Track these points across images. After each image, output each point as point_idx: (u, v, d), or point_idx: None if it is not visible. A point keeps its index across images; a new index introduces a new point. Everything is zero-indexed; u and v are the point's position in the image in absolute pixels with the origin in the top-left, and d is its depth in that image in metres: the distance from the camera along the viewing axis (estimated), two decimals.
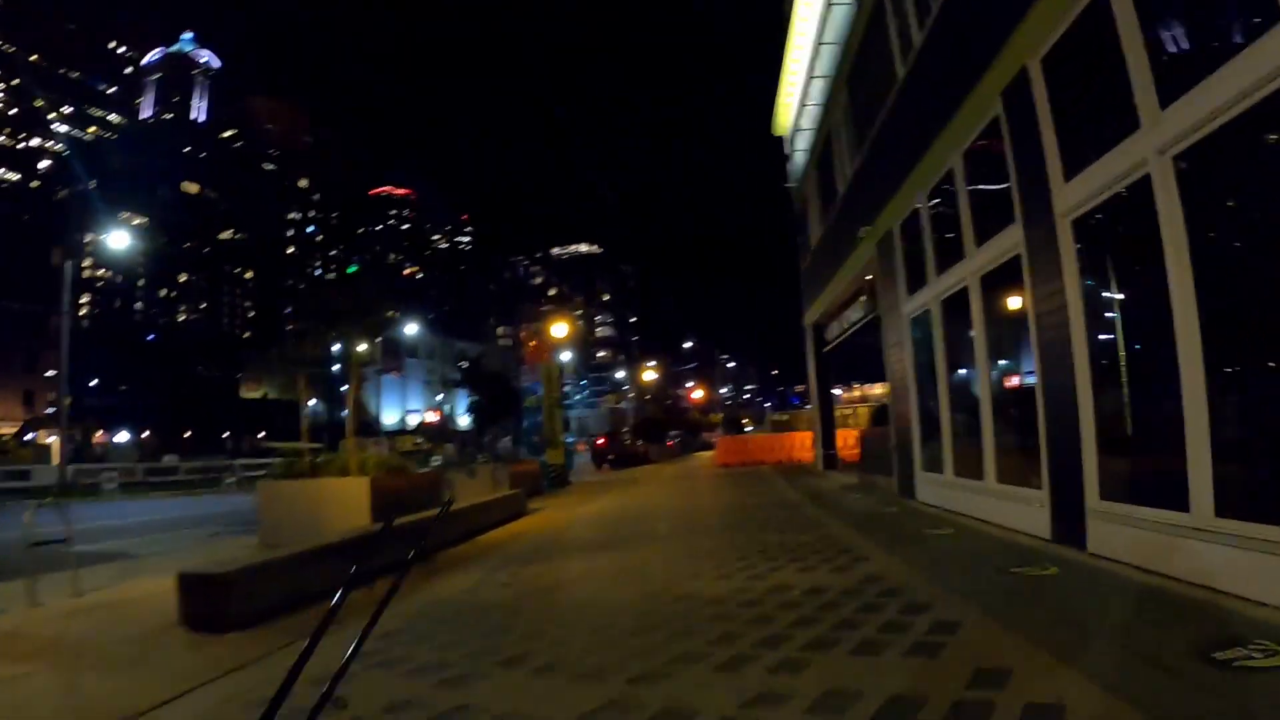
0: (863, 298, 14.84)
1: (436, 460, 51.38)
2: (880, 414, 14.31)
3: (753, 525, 9.28)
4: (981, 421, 8.06)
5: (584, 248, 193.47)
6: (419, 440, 67.32)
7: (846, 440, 21.38)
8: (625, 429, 40.82)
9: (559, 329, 24.75)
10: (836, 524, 8.76)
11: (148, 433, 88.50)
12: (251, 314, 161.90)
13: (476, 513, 11.32)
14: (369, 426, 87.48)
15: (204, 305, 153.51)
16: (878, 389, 28.06)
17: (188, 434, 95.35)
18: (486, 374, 18.47)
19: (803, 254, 21.20)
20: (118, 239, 39.87)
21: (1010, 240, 7.10)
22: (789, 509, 10.93)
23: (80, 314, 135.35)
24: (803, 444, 25.15)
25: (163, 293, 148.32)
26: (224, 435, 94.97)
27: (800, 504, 11.54)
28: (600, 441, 34.14)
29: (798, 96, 18.75)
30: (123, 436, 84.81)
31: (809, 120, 18.21)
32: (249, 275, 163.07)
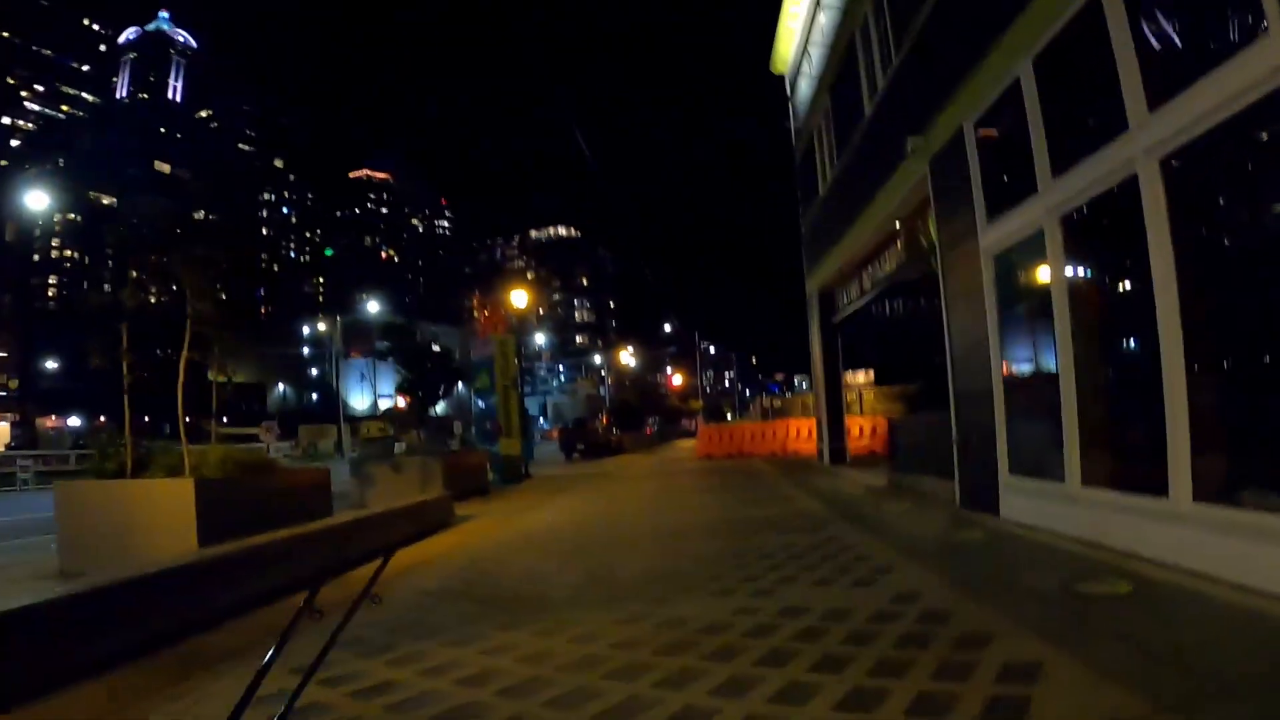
0: (895, 245, 11.49)
1: (400, 447, 47.97)
2: (922, 396, 10.92)
3: (765, 563, 5.89)
4: (1168, 399, 4.71)
5: (562, 230, 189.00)
6: (383, 426, 63.66)
7: (859, 429, 18.09)
8: (597, 416, 37.40)
9: (518, 297, 21.25)
10: (913, 570, 5.37)
11: (104, 418, 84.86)
12: (223, 296, 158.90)
13: (364, 531, 7.88)
14: (334, 412, 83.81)
15: (174, 287, 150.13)
16: (861, 377, 24.81)
17: (146, 419, 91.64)
18: (416, 347, 15.13)
19: (804, 212, 17.84)
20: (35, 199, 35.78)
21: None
22: (812, 529, 7.56)
23: (48, 295, 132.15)
24: (800, 433, 21.85)
25: (132, 274, 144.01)
26: (186, 420, 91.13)
27: (825, 520, 8.18)
28: (562, 430, 30.90)
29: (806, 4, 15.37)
30: (76, 421, 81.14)
31: (821, 35, 14.79)
32: (221, 257, 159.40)
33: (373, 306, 57.07)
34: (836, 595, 4.67)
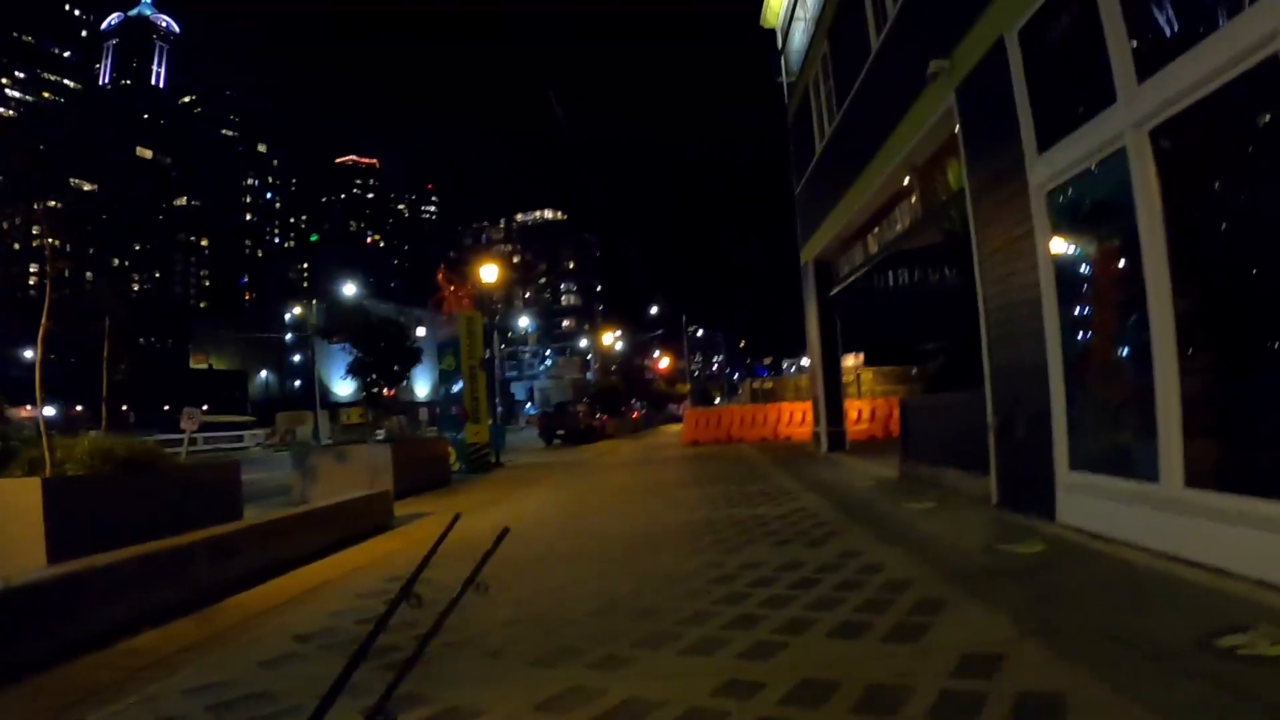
0: (908, 202, 9.97)
1: (379, 435, 46.27)
2: (940, 374, 9.39)
3: (763, 592, 4.38)
4: None
5: (549, 214, 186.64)
6: (363, 412, 62.09)
7: (857, 413, 16.64)
8: (579, 400, 35.82)
9: (487, 272, 19.59)
10: (974, 609, 3.85)
11: (80, 407, 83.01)
12: (207, 283, 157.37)
13: (265, 541, 6.32)
14: (320, 397, 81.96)
15: (157, 274, 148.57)
16: (850, 360, 23.37)
17: (124, 407, 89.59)
18: (369, 324, 13.59)
19: (798, 177, 16.28)
20: None
21: None
22: (819, 538, 6.06)
23: (28, 284, 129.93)
24: (792, 418, 20.38)
25: (115, 262, 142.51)
26: (164, 408, 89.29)
27: (833, 524, 6.67)
28: (541, 415, 29.37)
29: None
30: (50, 411, 79.29)
31: None
32: (204, 243, 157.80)
33: (349, 289, 54.91)
34: (872, 656, 3.17)
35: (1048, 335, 5.76)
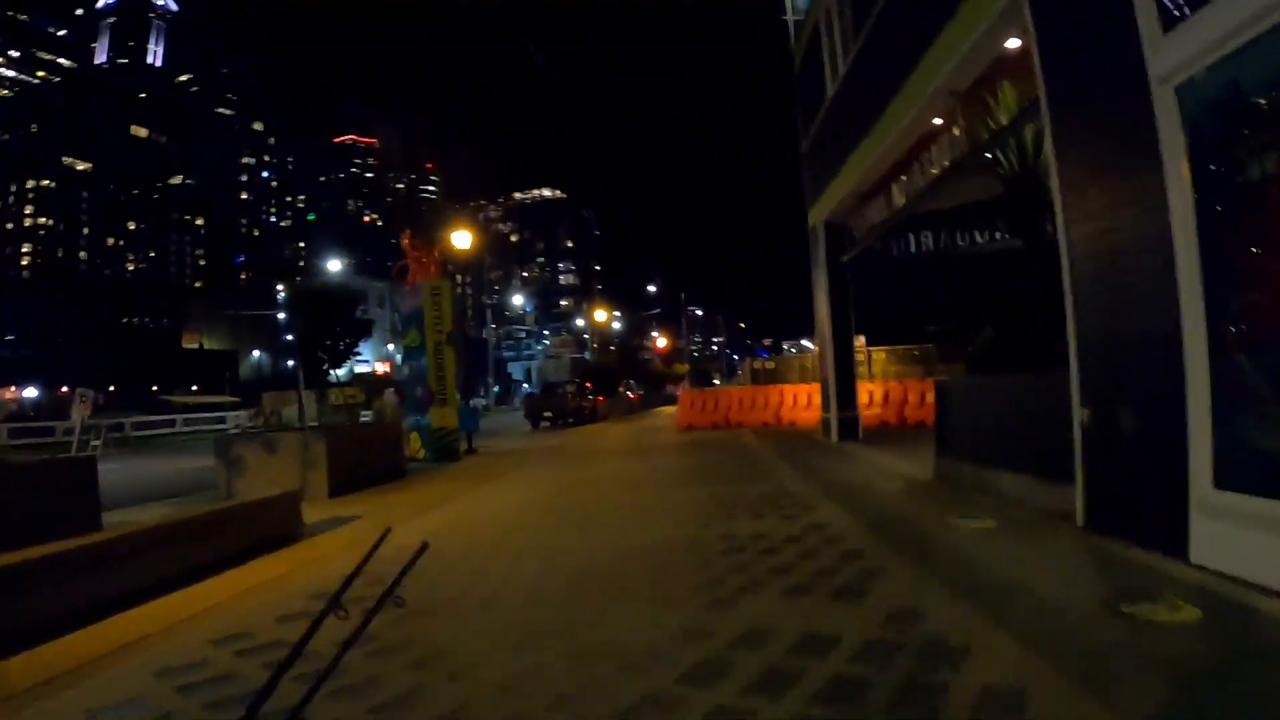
0: (944, 138, 8.12)
1: (367, 416, 44.36)
2: (993, 350, 7.51)
3: (773, 683, 2.60)
4: None
5: (547, 192, 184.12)
6: (353, 393, 60.45)
7: (868, 396, 14.88)
8: (568, 381, 33.99)
9: (460, 238, 17.70)
10: None
11: (65, 388, 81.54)
12: (202, 262, 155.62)
13: (97, 568, 4.57)
14: (308, 379, 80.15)
15: (152, 254, 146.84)
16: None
17: (112, 388, 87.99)
18: (311, 291, 11.84)
19: (805, 128, 14.42)
20: None
21: None
22: (849, 583, 4.30)
23: (22, 264, 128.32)
24: (797, 401, 18.57)
25: (109, 241, 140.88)
26: (153, 389, 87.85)
27: (864, 554, 4.89)
28: (528, 396, 27.70)
29: None
30: (33, 392, 77.95)
31: None
32: (199, 222, 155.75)
33: (333, 266, 52.93)
34: None
35: (1182, 292, 3.98)
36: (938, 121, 8.73)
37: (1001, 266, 10.33)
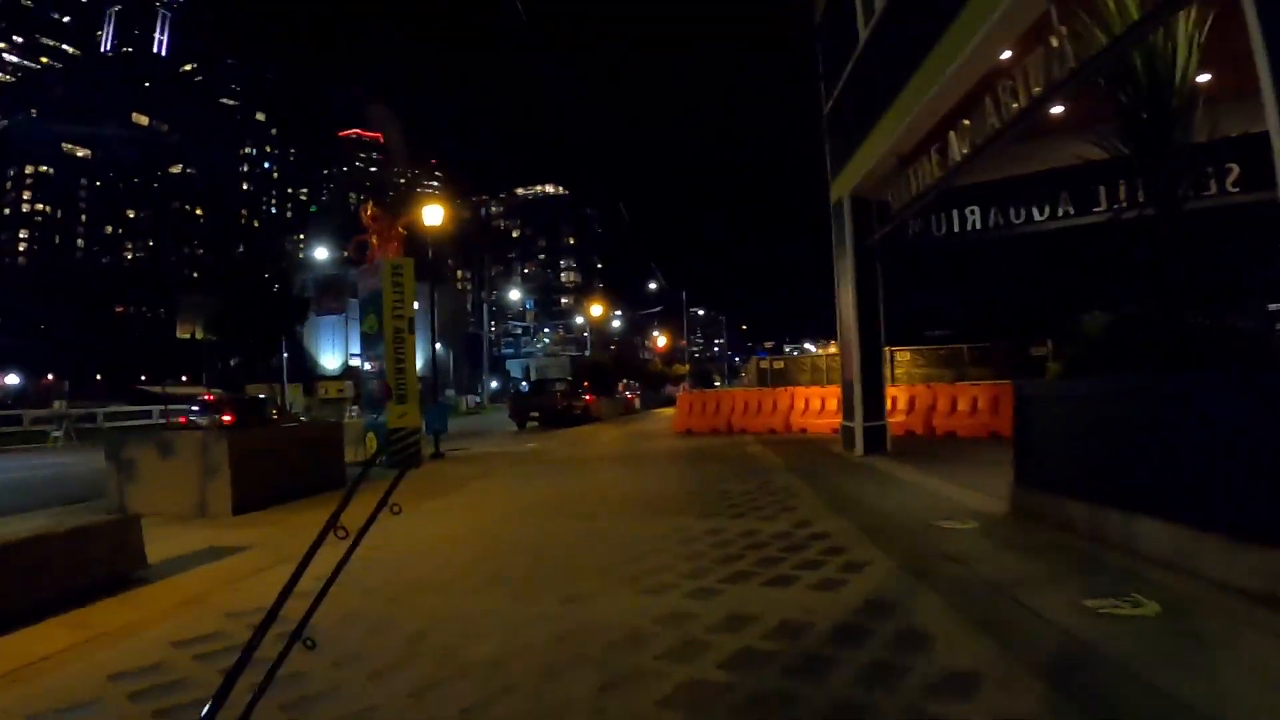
0: (1051, 40, 6.04)
1: (353, 411, 42.34)
2: (1110, 346, 5.35)
3: None
4: None
5: (549, 188, 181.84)
6: (341, 387, 58.45)
7: (891, 402, 12.82)
8: (558, 379, 31.83)
9: (431, 214, 15.64)
10: None
11: (51, 376, 79.71)
12: (200, 252, 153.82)
13: None
14: (303, 372, 78.26)
15: (150, 243, 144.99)
16: (832, 348, 19.51)
17: (99, 377, 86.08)
18: (231, 265, 9.99)
19: (829, 84, 12.36)
20: None
21: None
22: None
23: (19, 249, 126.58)
24: (809, 405, 16.46)
25: (108, 229, 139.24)
26: (142, 378, 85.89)
27: (980, 682, 2.83)
28: (513, 395, 25.76)
29: None
30: (14, 379, 76.19)
31: None
32: (199, 212, 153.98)
33: (320, 254, 50.86)
34: None
35: None
36: (1008, 54, 6.74)
37: (1086, 245, 8.41)
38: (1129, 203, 7.17)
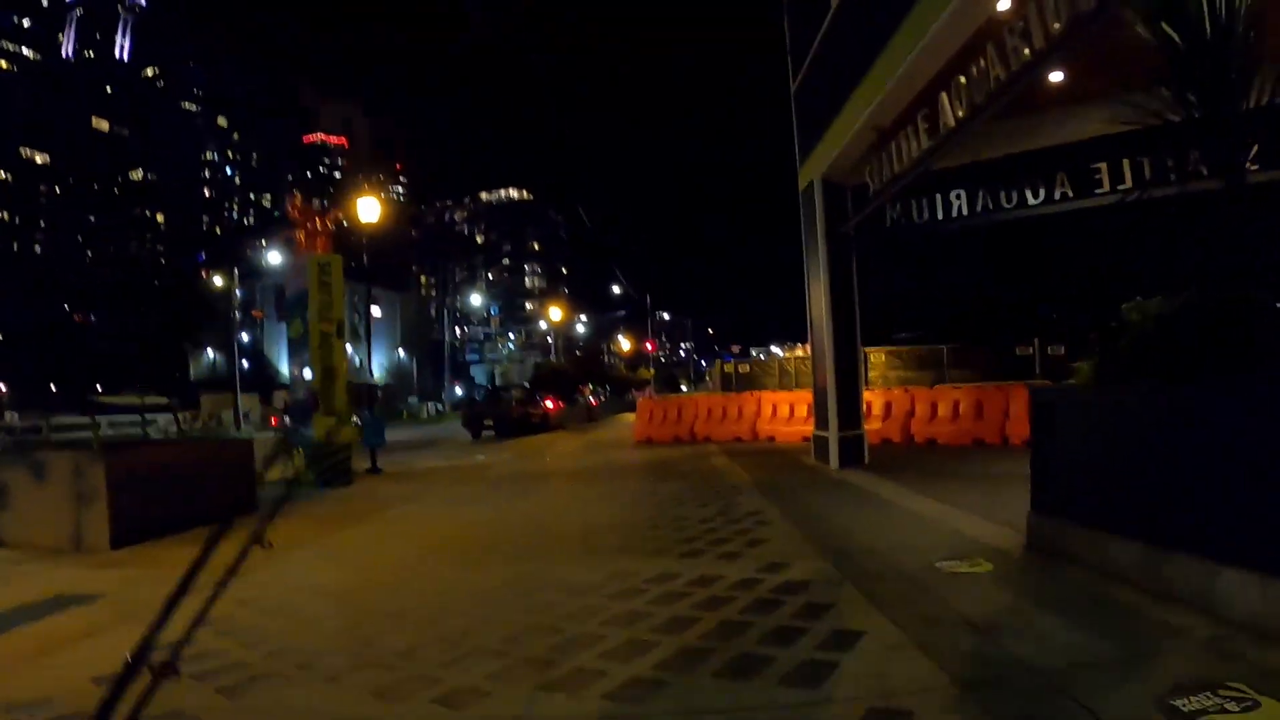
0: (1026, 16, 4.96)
1: (286, 420, 40.56)
2: (1187, 322, 4.22)
3: None
4: None
5: (514, 193, 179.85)
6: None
7: (865, 408, 11.73)
8: (515, 386, 30.45)
9: (366, 207, 14.34)
10: None
11: (3, 386, 76.49)
12: (163, 260, 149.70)
13: None
14: (267, 381, 75.90)
15: (111, 249, 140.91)
16: (799, 350, 18.59)
17: (52, 387, 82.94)
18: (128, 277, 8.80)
19: (798, 59, 11.31)
20: None
21: None
22: None
23: None
24: (777, 412, 15.36)
25: (66, 236, 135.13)
26: (96, 387, 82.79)
27: None
28: (467, 404, 24.51)
29: None
30: None
31: None
32: (160, 218, 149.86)
33: (274, 258, 48.99)
34: None
35: None
36: (1007, 4, 5.69)
37: (1083, 232, 7.39)
38: (1160, 178, 6.08)
